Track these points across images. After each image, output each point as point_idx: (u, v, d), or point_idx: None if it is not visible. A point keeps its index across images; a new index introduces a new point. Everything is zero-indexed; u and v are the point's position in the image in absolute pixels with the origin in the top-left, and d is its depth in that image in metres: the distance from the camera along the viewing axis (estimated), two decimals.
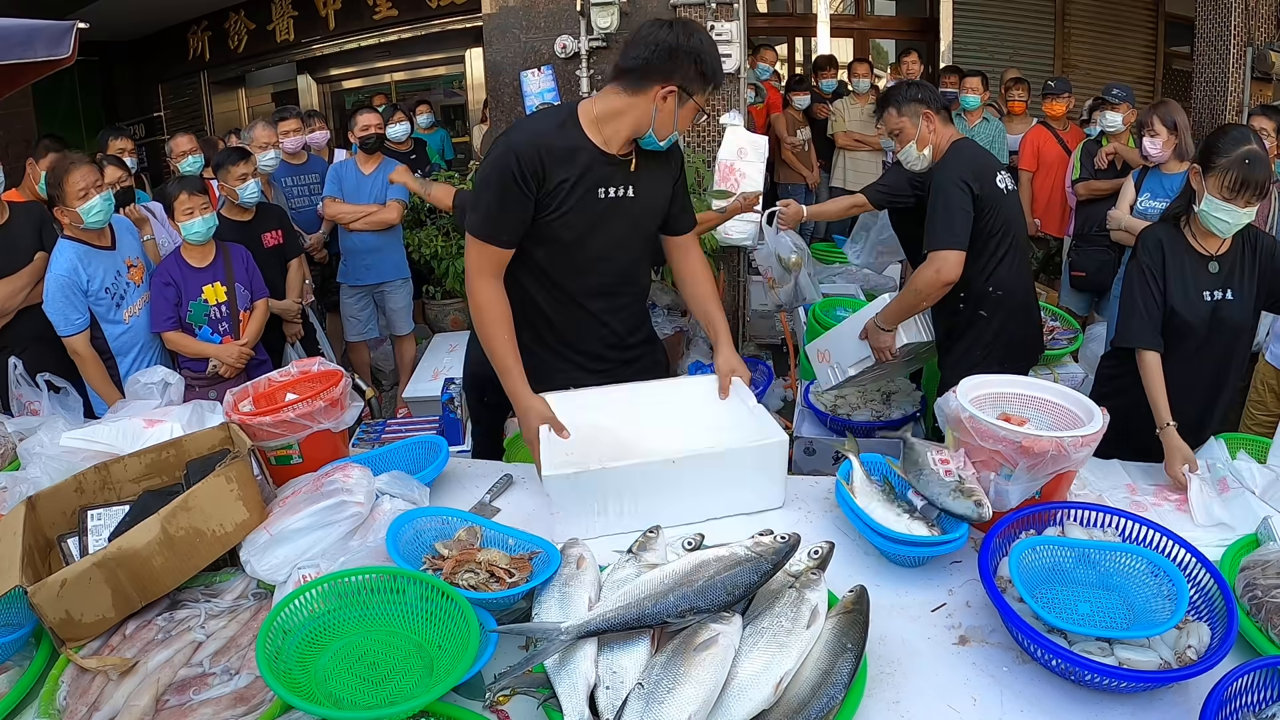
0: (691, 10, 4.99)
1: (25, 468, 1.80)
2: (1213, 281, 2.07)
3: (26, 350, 2.68)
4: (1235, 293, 2.08)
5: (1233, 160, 1.95)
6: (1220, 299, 2.07)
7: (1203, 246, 2.08)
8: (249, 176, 3.39)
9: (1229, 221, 1.98)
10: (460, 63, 7.79)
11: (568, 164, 1.81)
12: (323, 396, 1.83)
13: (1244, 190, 1.94)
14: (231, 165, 3.38)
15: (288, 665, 1.18)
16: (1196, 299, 2.07)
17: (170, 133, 8.74)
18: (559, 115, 1.86)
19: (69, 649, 1.30)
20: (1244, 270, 2.08)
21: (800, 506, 1.74)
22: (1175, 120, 3.38)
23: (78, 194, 2.69)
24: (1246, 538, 1.52)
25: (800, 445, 3.09)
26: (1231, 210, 1.96)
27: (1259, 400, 2.93)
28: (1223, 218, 1.97)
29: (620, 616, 1.17)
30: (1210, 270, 2.07)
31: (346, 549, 1.47)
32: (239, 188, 3.37)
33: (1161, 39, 7.58)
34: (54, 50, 3.51)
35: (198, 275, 2.98)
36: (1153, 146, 3.40)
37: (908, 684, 1.24)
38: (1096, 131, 4.35)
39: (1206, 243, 2.08)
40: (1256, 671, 1.10)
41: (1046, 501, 1.53)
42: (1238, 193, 1.94)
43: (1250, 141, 1.97)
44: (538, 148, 1.77)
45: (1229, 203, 1.95)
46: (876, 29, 8.58)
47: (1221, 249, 2.08)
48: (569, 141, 1.81)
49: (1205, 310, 2.07)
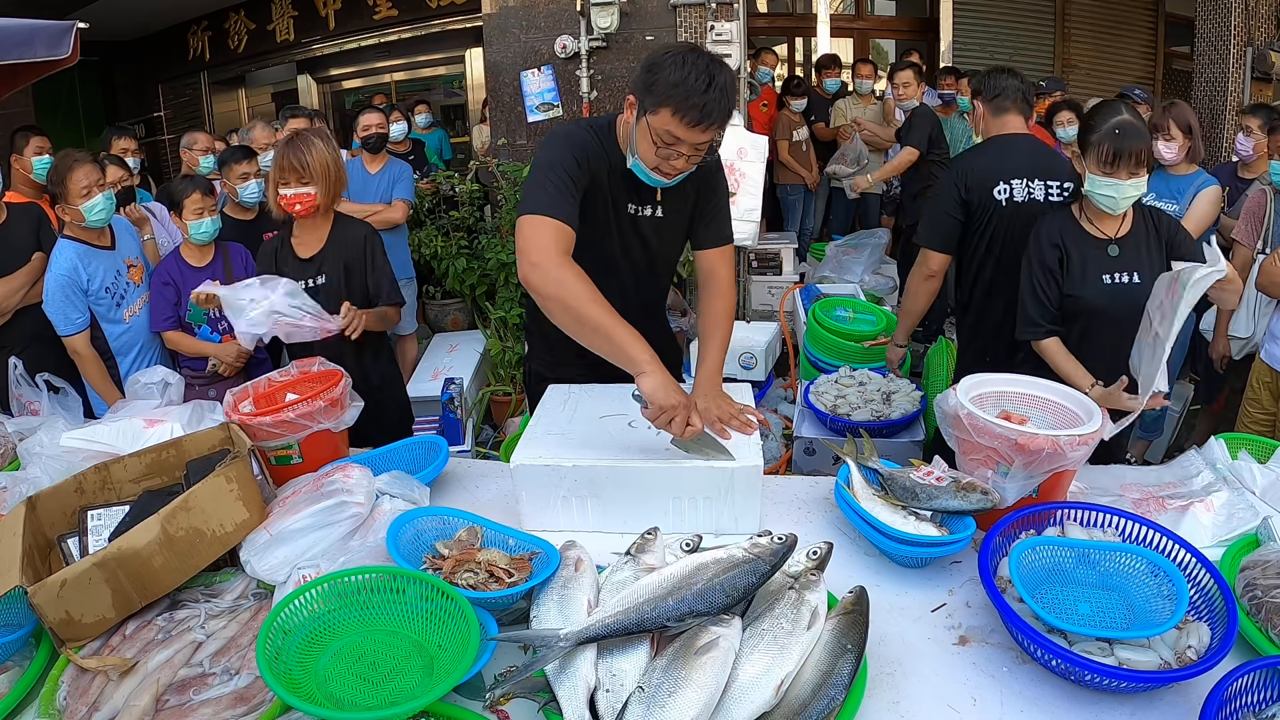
0: (691, 10, 5.00)
1: (25, 468, 1.80)
2: (1112, 264, 2.07)
3: (26, 350, 2.68)
4: (1140, 275, 2.06)
5: (1103, 133, 1.96)
6: (1123, 282, 2.07)
7: (1100, 230, 2.08)
8: (250, 176, 3.39)
9: (1114, 195, 1.97)
10: (460, 63, 7.79)
11: (601, 165, 1.81)
12: (323, 396, 1.83)
13: (1119, 161, 1.94)
14: (235, 164, 3.38)
15: (288, 665, 1.18)
16: (1095, 281, 2.07)
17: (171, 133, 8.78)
18: (595, 128, 1.84)
19: (69, 649, 1.30)
20: (1148, 251, 2.07)
21: (799, 506, 1.74)
22: (1189, 123, 3.38)
23: (80, 192, 2.69)
24: (1246, 538, 1.52)
25: (800, 445, 3.09)
26: (1114, 184, 1.95)
27: (1255, 399, 2.93)
28: (1106, 193, 1.97)
29: (619, 622, 1.17)
30: (1110, 254, 2.07)
31: (346, 549, 1.47)
32: (240, 186, 3.37)
33: (1161, 39, 7.57)
34: (54, 50, 3.52)
35: (197, 274, 2.98)
36: (1168, 150, 3.39)
37: (908, 684, 1.24)
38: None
39: (1103, 225, 2.08)
40: (1256, 671, 1.10)
41: (1046, 501, 1.53)
42: (1114, 165, 1.94)
43: (1121, 113, 1.97)
44: (582, 144, 1.78)
45: (1109, 176, 1.95)
46: (877, 29, 8.58)
47: (1120, 230, 2.07)
48: (605, 162, 1.81)
49: (1105, 293, 2.07)
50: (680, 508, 1.60)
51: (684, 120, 1.60)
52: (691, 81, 1.58)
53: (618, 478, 1.60)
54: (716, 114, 1.61)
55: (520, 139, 5.56)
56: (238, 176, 3.37)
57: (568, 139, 1.79)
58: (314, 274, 2.53)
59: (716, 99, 1.59)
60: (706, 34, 4.87)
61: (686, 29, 5.04)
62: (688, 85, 1.58)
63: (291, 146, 2.46)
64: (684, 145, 1.65)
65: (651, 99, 1.63)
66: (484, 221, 5.31)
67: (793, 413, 3.35)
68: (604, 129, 1.84)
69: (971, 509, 1.50)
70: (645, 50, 5.16)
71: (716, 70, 1.60)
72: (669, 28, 5.09)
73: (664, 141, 1.65)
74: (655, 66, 1.62)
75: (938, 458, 1.64)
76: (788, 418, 3.61)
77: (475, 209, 5.22)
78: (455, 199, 5.22)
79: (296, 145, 2.47)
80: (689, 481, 1.59)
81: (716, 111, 1.60)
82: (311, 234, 2.56)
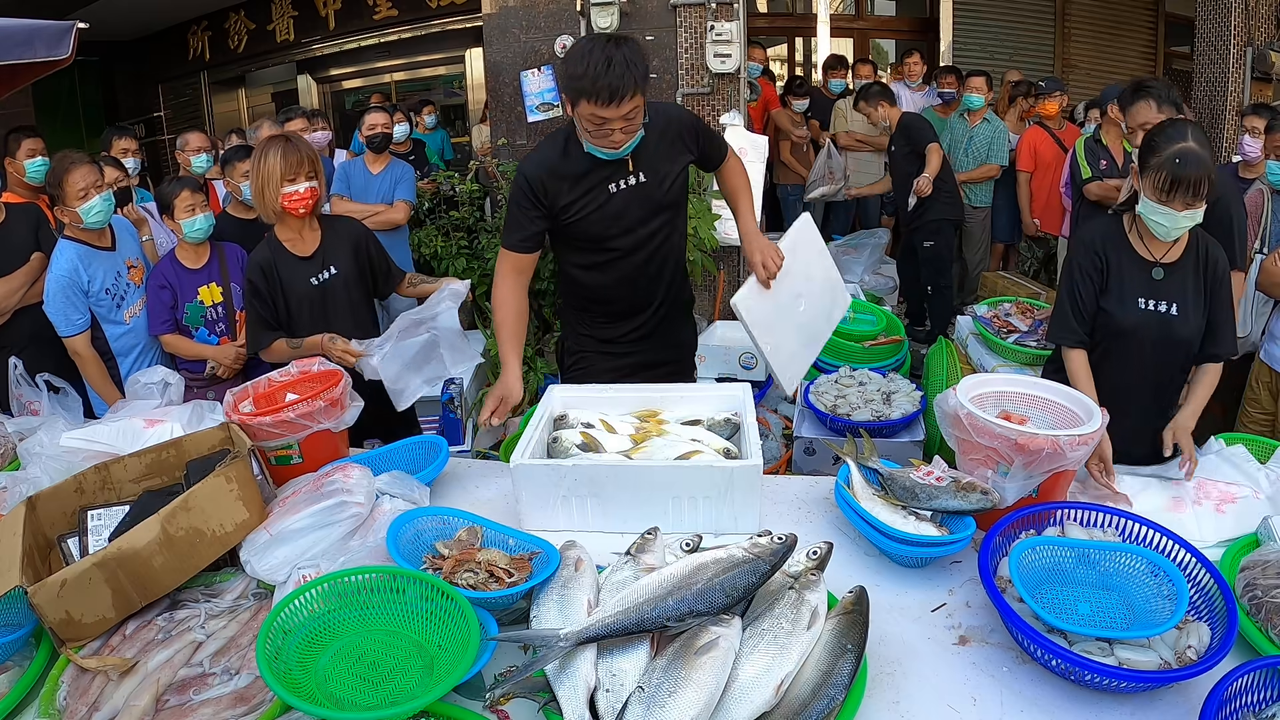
0: (691, 10, 5.00)
1: (25, 468, 1.80)
2: (1153, 290, 1.96)
3: (26, 350, 2.68)
4: (1179, 308, 1.95)
5: (1164, 160, 1.82)
6: (1159, 311, 1.96)
7: (1148, 250, 1.97)
8: None
9: (1166, 225, 1.86)
10: (460, 63, 7.78)
11: (574, 182, 2.07)
12: (323, 396, 1.83)
13: (1176, 191, 1.81)
14: (238, 162, 3.35)
15: (288, 665, 1.18)
16: (1131, 304, 1.97)
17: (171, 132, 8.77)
18: (561, 138, 2.08)
19: (69, 649, 1.30)
20: (1193, 286, 1.96)
21: (799, 506, 1.74)
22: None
23: (78, 194, 2.69)
24: (1246, 537, 1.53)
25: (800, 445, 3.08)
26: (1168, 213, 1.84)
27: (1255, 399, 2.93)
28: (1160, 220, 1.86)
29: (619, 622, 1.17)
30: (1154, 277, 1.96)
31: (346, 549, 1.47)
32: (243, 184, 3.34)
33: (1161, 39, 7.57)
34: (54, 50, 3.51)
35: (193, 276, 2.97)
36: None
37: (908, 684, 1.24)
38: (1093, 129, 4.35)
39: (1152, 245, 1.97)
40: (1256, 671, 1.10)
41: (1046, 501, 1.53)
42: (1170, 194, 1.82)
43: (1186, 139, 1.83)
44: (545, 173, 2.06)
45: (1164, 205, 1.84)
46: (877, 29, 8.57)
47: (1168, 256, 1.97)
48: (572, 165, 2.06)
49: (1140, 319, 1.97)
50: (680, 508, 1.60)
51: (597, 103, 1.85)
52: (592, 69, 1.81)
53: (618, 477, 1.60)
54: (624, 87, 1.83)
55: (520, 139, 5.55)
56: (241, 175, 3.34)
57: (521, 174, 2.10)
58: (320, 269, 2.49)
59: (620, 74, 1.81)
60: (706, 34, 4.87)
61: (686, 29, 5.04)
62: (589, 73, 1.81)
63: (291, 143, 2.41)
64: (613, 122, 1.88)
65: (569, 94, 1.90)
66: (484, 221, 5.31)
67: (793, 413, 3.35)
68: (567, 141, 2.07)
69: (971, 509, 1.50)
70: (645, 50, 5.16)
71: (614, 50, 1.82)
72: (669, 27, 5.08)
73: (595, 124, 1.90)
74: (565, 64, 1.90)
75: (938, 458, 1.64)
76: (788, 418, 3.61)
77: (475, 209, 5.21)
78: (455, 199, 5.22)
79: (294, 142, 2.43)
80: (689, 481, 1.59)
81: (623, 85, 1.82)
82: (302, 232, 2.49)
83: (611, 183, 2.08)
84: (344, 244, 2.54)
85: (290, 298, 2.45)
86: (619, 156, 2.01)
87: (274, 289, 2.44)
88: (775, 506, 1.73)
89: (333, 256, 2.52)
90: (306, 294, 2.47)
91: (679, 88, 5.05)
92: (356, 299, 2.56)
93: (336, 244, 2.53)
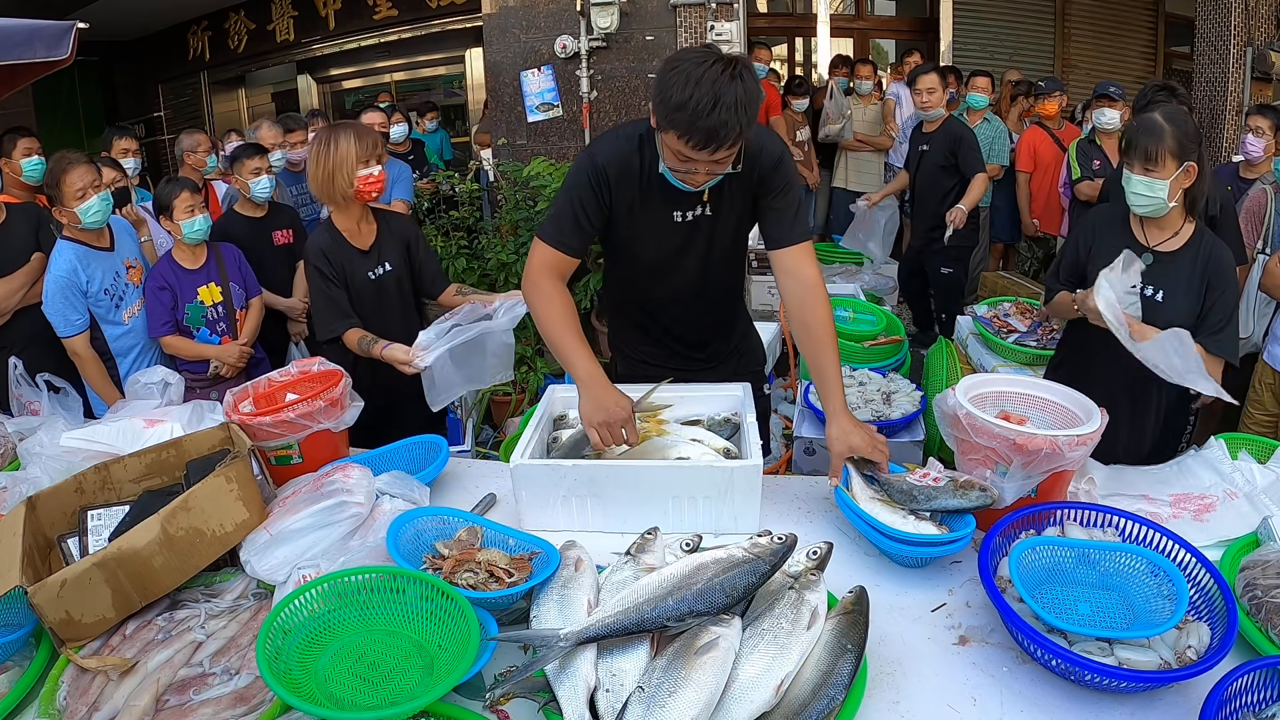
0: (691, 10, 5.00)
1: (25, 468, 1.80)
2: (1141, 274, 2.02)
3: (26, 350, 2.68)
4: (1166, 294, 2.00)
5: (1129, 126, 2.00)
6: (1146, 295, 2.02)
7: (1145, 236, 2.05)
8: (263, 171, 3.36)
9: (1131, 191, 1.97)
10: (460, 63, 7.79)
11: (640, 193, 1.78)
12: (323, 396, 1.83)
13: (1132, 152, 1.93)
14: (247, 159, 3.35)
15: (288, 665, 1.18)
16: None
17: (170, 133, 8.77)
18: (636, 138, 1.77)
19: (69, 649, 1.30)
20: (1186, 277, 2.00)
21: (799, 506, 1.74)
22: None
23: (75, 194, 2.69)
24: (1246, 537, 1.52)
25: (800, 445, 3.08)
26: (1129, 176, 1.95)
27: (1257, 400, 2.93)
28: (1127, 187, 1.98)
29: (619, 622, 1.17)
30: (1144, 261, 2.02)
31: (346, 549, 1.47)
32: (252, 182, 3.34)
33: (1161, 39, 7.58)
34: (54, 50, 3.51)
35: (192, 277, 2.97)
36: None
37: (908, 684, 1.24)
38: (1089, 130, 4.35)
39: (1149, 232, 2.04)
40: (1256, 671, 1.10)
41: (1046, 501, 1.53)
42: (1129, 155, 1.94)
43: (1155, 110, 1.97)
44: (617, 167, 1.76)
45: (1128, 169, 1.95)
46: (877, 29, 8.58)
47: (1166, 244, 2.03)
48: (642, 172, 1.77)
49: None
50: (680, 507, 1.60)
51: (690, 144, 1.54)
52: (695, 104, 1.48)
53: (618, 477, 1.60)
54: (725, 134, 1.51)
55: (520, 139, 5.56)
56: (250, 172, 3.34)
57: (592, 160, 1.77)
58: (376, 264, 2.45)
59: (724, 120, 1.49)
60: (706, 34, 4.87)
61: (686, 29, 5.04)
62: (690, 108, 1.49)
63: (362, 127, 2.38)
64: (699, 164, 1.59)
65: (660, 118, 1.57)
66: (484, 220, 5.30)
67: (793, 413, 3.35)
68: (643, 139, 1.77)
69: (971, 506, 1.50)
70: (645, 50, 5.16)
71: (725, 86, 1.48)
72: (669, 28, 5.09)
73: (679, 160, 1.61)
74: (664, 83, 1.53)
75: (933, 459, 1.64)
76: (788, 418, 3.61)
77: (475, 209, 5.22)
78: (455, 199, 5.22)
79: (361, 127, 2.39)
80: (689, 481, 1.59)
81: (725, 133, 1.51)
82: (360, 224, 2.44)
83: (678, 210, 1.82)
84: (398, 241, 2.51)
85: (349, 290, 2.39)
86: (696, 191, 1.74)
87: (339, 275, 2.38)
88: (775, 506, 1.72)
89: (388, 252, 2.48)
90: (364, 288, 2.42)
91: None
92: (407, 298, 2.54)
93: (391, 240, 2.50)
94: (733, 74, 1.50)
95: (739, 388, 1.91)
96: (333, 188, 2.34)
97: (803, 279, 1.78)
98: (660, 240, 1.86)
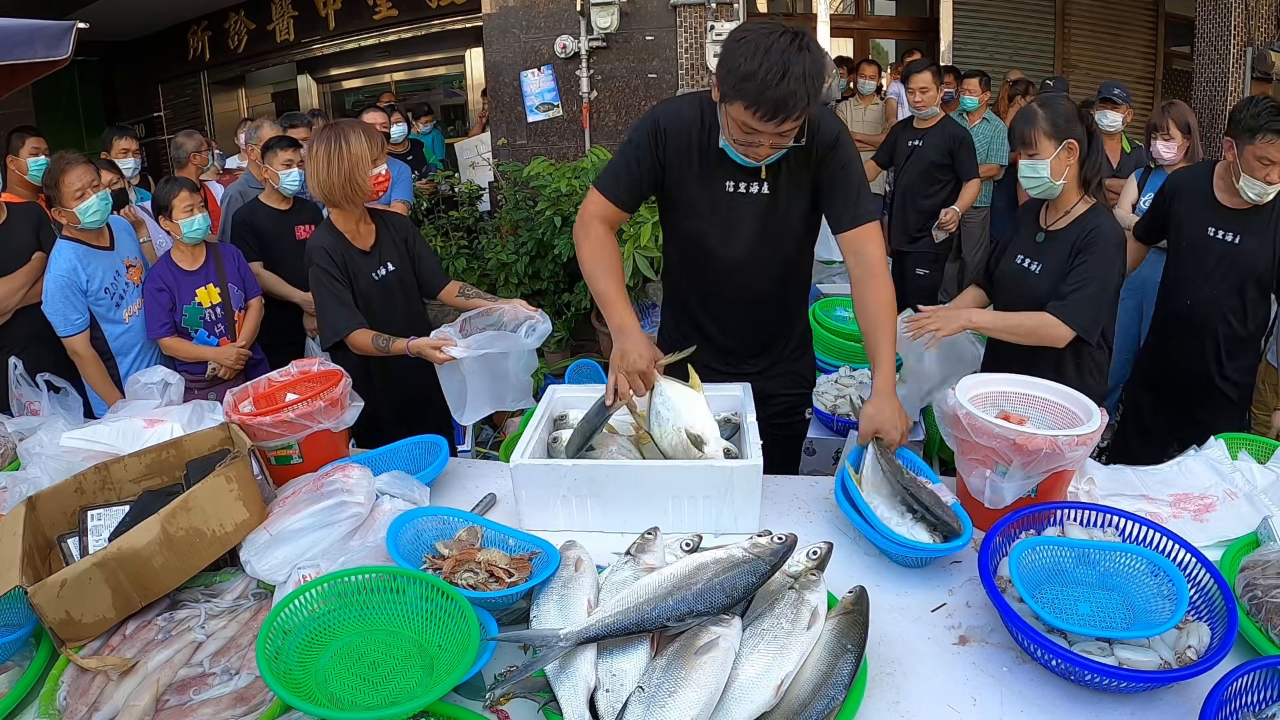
0: (691, 10, 5.00)
1: (25, 468, 1.80)
2: (1029, 250, 2.20)
3: (26, 350, 2.68)
4: (1043, 268, 2.15)
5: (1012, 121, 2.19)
6: (1024, 267, 2.19)
7: (1045, 217, 2.19)
8: (294, 164, 3.34)
9: (1020, 176, 2.12)
10: (460, 63, 7.79)
11: (698, 158, 1.79)
12: (323, 396, 1.83)
13: (1013, 142, 2.13)
14: (280, 150, 3.34)
15: (288, 665, 1.18)
16: (1009, 262, 2.24)
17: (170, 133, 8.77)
18: (699, 106, 1.80)
19: (69, 649, 1.30)
20: (1064, 251, 2.11)
21: (799, 506, 1.74)
22: (1189, 123, 3.37)
23: (74, 194, 2.68)
24: (1246, 537, 1.52)
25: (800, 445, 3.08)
26: (1020, 165, 2.11)
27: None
28: (1019, 175, 2.13)
29: (619, 622, 1.17)
30: (1036, 240, 2.19)
31: (346, 549, 1.47)
32: (283, 173, 3.32)
33: (1161, 39, 7.57)
34: (54, 50, 3.51)
35: (190, 278, 2.97)
36: (1167, 150, 3.37)
37: (908, 684, 1.24)
38: None
39: (1048, 214, 2.18)
40: (1256, 671, 1.10)
41: (1046, 501, 1.53)
42: (1014, 147, 2.13)
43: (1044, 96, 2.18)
44: (677, 127, 1.79)
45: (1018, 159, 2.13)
46: (877, 29, 8.57)
47: (1057, 224, 2.14)
48: (702, 139, 1.78)
49: (1008, 271, 2.23)
50: (680, 507, 1.60)
51: (757, 115, 1.54)
52: (764, 74, 1.48)
53: (618, 477, 1.60)
54: (793, 105, 1.51)
55: (520, 139, 5.56)
56: (281, 163, 3.32)
57: (653, 116, 1.82)
58: (379, 265, 2.42)
59: (793, 90, 1.49)
60: (706, 34, 4.87)
61: (686, 29, 5.04)
62: (759, 78, 1.49)
63: (365, 126, 2.35)
64: (763, 135, 1.60)
65: (725, 88, 1.57)
66: (483, 221, 5.30)
67: None
68: (705, 106, 1.79)
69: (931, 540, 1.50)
70: (645, 50, 5.16)
71: (793, 57, 1.49)
72: (669, 28, 5.09)
73: (743, 131, 1.61)
74: (731, 54, 1.54)
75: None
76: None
77: (474, 209, 5.22)
78: (454, 199, 5.22)
79: (365, 125, 2.37)
80: (689, 481, 1.59)
81: (793, 102, 1.51)
82: (360, 225, 2.40)
83: (730, 181, 1.80)
84: (397, 240, 2.49)
85: (354, 292, 2.35)
86: (756, 166, 1.73)
87: (344, 275, 2.33)
88: (775, 506, 1.72)
89: (389, 253, 2.46)
90: (369, 289, 2.38)
91: (679, 88, 5.05)
92: (411, 297, 2.52)
93: (390, 240, 2.47)
94: (800, 45, 1.51)
95: (739, 388, 1.91)
96: (350, 187, 2.28)
97: (865, 259, 1.80)
98: (715, 210, 1.83)
